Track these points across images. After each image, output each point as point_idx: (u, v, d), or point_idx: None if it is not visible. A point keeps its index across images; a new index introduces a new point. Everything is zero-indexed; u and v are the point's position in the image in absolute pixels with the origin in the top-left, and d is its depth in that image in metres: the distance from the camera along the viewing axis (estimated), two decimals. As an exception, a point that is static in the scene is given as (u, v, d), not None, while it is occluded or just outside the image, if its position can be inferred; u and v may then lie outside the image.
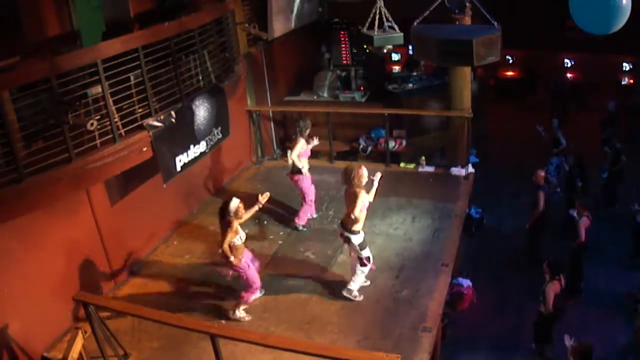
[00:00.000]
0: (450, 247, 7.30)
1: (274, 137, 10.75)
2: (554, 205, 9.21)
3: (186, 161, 6.58)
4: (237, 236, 5.93)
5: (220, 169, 9.20)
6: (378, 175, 6.34)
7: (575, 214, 8.22)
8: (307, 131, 7.71)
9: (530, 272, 7.99)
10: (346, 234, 6.23)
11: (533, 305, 7.60)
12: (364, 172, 6.11)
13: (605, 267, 8.66)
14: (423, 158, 9.49)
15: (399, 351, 4.73)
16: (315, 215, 8.15)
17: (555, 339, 6.98)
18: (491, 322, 7.69)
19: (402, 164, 9.67)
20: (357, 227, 6.16)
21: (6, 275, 5.46)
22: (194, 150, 6.69)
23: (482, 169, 9.69)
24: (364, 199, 6.05)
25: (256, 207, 6.31)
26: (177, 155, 6.43)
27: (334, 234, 7.60)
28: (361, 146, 10.43)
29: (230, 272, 6.14)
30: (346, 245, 6.59)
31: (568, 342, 5.87)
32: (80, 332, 5.25)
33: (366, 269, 6.36)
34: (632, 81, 13.18)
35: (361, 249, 6.26)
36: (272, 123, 10.70)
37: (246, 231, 7.84)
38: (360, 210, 6.02)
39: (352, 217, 6.04)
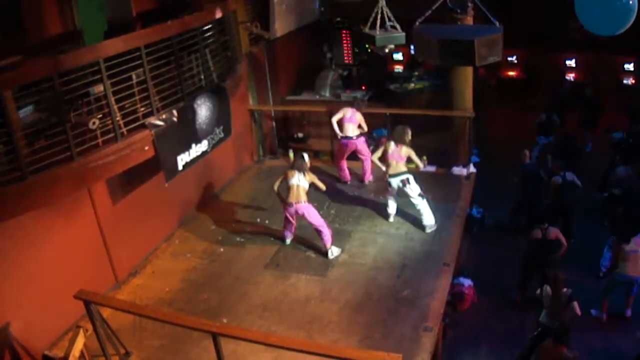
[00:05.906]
0: (452, 247, 7.31)
1: (275, 137, 10.76)
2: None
3: (188, 160, 6.60)
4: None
5: (222, 168, 9.20)
6: None
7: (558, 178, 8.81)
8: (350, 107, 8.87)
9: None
10: (407, 176, 7.56)
11: (534, 305, 7.60)
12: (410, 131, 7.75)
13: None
14: (424, 157, 9.46)
15: (400, 351, 4.71)
16: (346, 180, 9.18)
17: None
18: (492, 322, 7.69)
19: (403, 164, 9.63)
20: (405, 167, 7.64)
21: (8, 274, 5.48)
22: (196, 150, 6.70)
23: (483, 168, 9.68)
24: None
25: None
26: (179, 154, 6.44)
27: (335, 232, 7.59)
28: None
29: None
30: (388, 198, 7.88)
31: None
32: (81, 330, 5.27)
33: (424, 199, 7.60)
34: (634, 81, 13.12)
35: (416, 183, 7.62)
36: (273, 122, 10.71)
37: (247, 229, 7.93)
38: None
39: (406, 167, 7.61)
